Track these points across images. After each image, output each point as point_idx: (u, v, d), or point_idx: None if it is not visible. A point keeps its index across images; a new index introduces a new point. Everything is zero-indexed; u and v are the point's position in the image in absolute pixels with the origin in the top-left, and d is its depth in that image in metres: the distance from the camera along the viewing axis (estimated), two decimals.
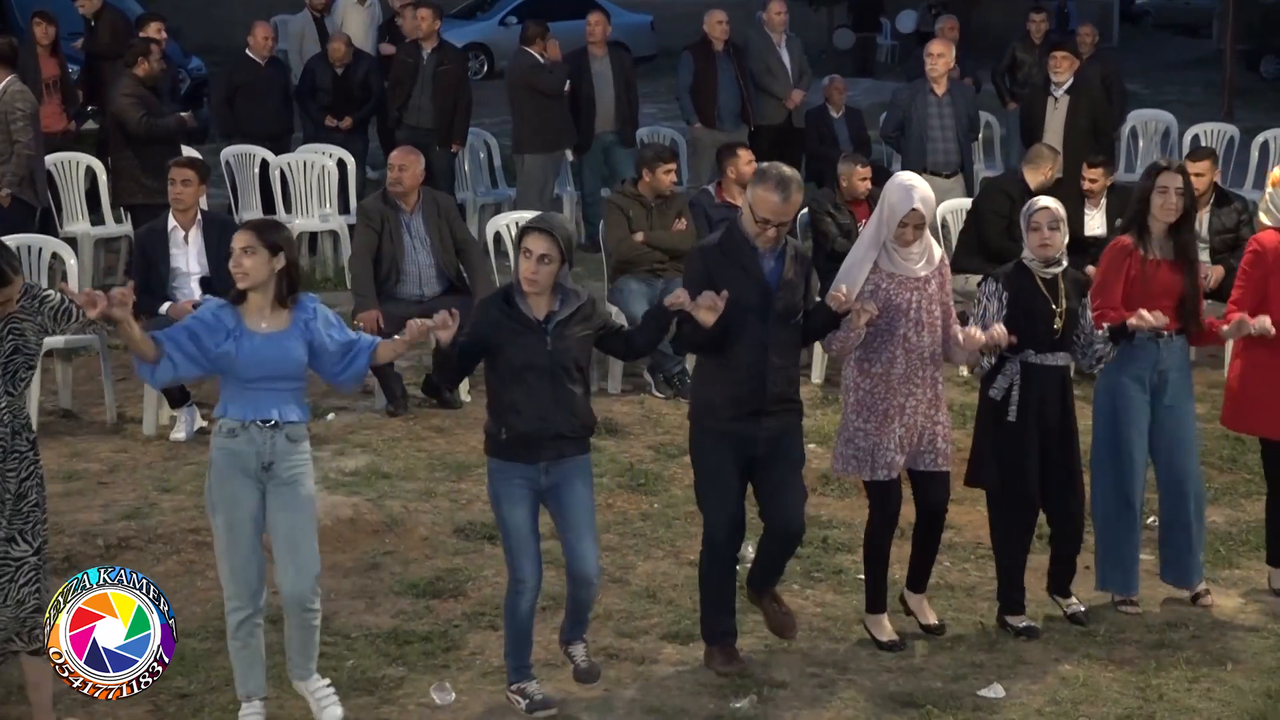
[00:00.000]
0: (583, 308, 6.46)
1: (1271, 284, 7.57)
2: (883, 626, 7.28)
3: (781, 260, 6.69)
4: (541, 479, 6.46)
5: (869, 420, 7.02)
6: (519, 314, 6.38)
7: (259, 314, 6.22)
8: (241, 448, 6.20)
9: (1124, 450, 7.52)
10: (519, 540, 6.49)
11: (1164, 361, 7.50)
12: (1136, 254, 7.44)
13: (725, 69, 14.10)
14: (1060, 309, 7.19)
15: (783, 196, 6.54)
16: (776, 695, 6.76)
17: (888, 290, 6.93)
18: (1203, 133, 15.73)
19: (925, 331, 6.98)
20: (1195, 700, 6.77)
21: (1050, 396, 7.25)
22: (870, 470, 7.05)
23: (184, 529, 8.14)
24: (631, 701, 6.70)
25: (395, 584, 7.80)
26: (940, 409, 7.10)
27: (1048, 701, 6.74)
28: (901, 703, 6.71)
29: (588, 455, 6.59)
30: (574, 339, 6.42)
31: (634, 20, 29.23)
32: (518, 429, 6.39)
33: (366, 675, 6.85)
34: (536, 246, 6.31)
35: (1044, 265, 7.23)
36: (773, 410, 6.70)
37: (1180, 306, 7.45)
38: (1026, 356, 7.20)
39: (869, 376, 7.01)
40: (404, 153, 10.39)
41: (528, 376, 6.36)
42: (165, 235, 9.72)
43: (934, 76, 12.48)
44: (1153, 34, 37.63)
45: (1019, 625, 7.36)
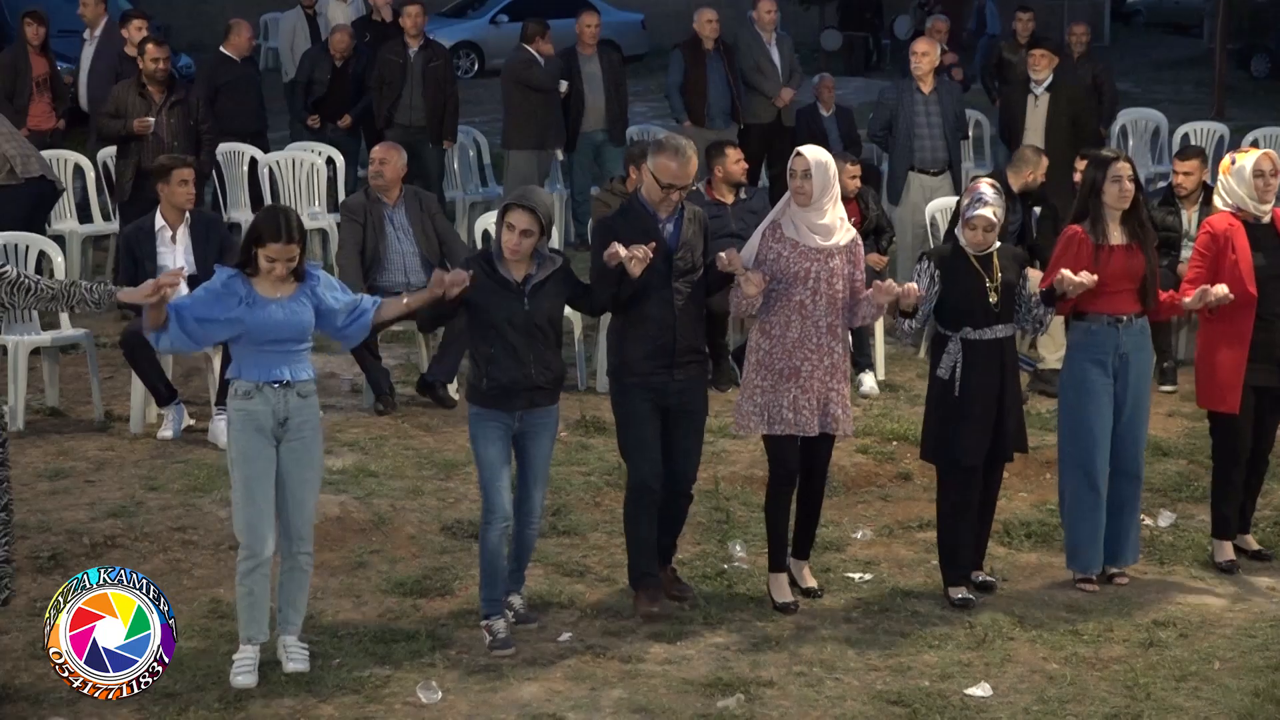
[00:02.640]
0: (557, 271, 7.10)
1: (1223, 263, 7.85)
2: (780, 587, 7.56)
3: (679, 224, 7.30)
4: (515, 424, 7.08)
5: (766, 378, 7.39)
6: (499, 276, 7.01)
7: (272, 286, 6.68)
8: (257, 407, 6.67)
9: (1086, 432, 7.71)
10: (491, 472, 7.05)
11: (1125, 345, 7.71)
12: (1088, 242, 7.67)
13: (715, 67, 14.08)
14: (995, 283, 7.46)
15: (680, 161, 7.16)
16: (764, 694, 6.75)
17: (788, 258, 7.31)
18: (1193, 131, 15.74)
19: (823, 301, 7.33)
20: (1182, 699, 6.77)
21: (992, 370, 7.48)
22: (766, 425, 7.40)
23: (170, 527, 8.12)
24: (618, 700, 6.69)
25: (382, 582, 7.78)
26: (838, 377, 7.42)
27: (1035, 700, 6.74)
28: (889, 701, 6.70)
29: (556, 405, 7.23)
30: (548, 299, 7.08)
31: (625, 19, 29.19)
32: (498, 380, 7.02)
33: (353, 674, 6.84)
34: (519, 222, 6.94)
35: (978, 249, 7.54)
36: (683, 361, 7.30)
37: (1140, 289, 7.69)
38: (965, 334, 7.46)
39: (768, 337, 7.40)
40: (385, 148, 10.46)
41: (506, 332, 7.00)
42: (152, 234, 9.68)
43: (919, 75, 12.47)
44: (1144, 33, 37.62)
45: (957, 597, 7.59)
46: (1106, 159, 7.77)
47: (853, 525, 8.62)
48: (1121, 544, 7.93)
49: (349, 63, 14.63)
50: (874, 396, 10.48)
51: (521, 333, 7.02)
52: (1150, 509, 8.81)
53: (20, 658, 6.89)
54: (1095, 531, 7.82)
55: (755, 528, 8.47)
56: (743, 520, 8.60)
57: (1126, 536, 7.93)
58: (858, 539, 8.45)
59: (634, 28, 29.26)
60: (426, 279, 10.09)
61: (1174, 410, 10.39)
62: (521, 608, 7.37)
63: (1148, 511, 8.76)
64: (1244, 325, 7.87)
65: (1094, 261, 7.59)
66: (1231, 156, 8.15)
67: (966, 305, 7.47)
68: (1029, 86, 12.87)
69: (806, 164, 7.30)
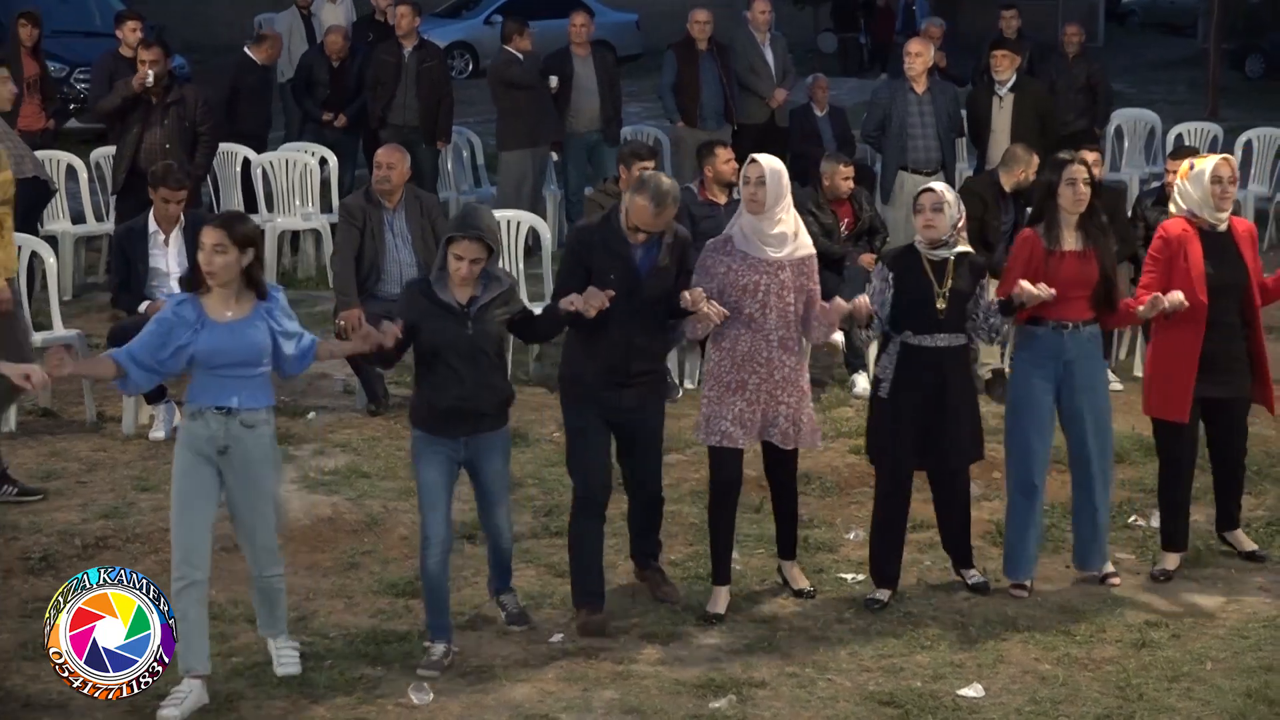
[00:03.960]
0: (503, 293, 6.94)
1: (1174, 270, 7.70)
2: (717, 598, 7.50)
3: (657, 248, 7.19)
4: (461, 451, 6.95)
5: (713, 389, 7.35)
6: (441, 301, 6.86)
7: (223, 304, 6.45)
8: (199, 431, 6.46)
9: (1023, 439, 7.66)
10: (430, 497, 6.92)
11: (1068, 352, 7.59)
12: (1039, 246, 7.56)
13: (708, 68, 14.08)
14: (944, 290, 7.35)
15: (657, 209, 7.02)
16: (755, 695, 6.75)
17: (737, 271, 7.23)
18: (1186, 132, 15.74)
19: (773, 314, 7.24)
20: (1175, 700, 6.76)
21: (928, 377, 7.38)
22: (705, 434, 7.37)
23: (162, 528, 8.05)
24: (610, 702, 6.68)
25: (374, 583, 7.78)
26: (789, 390, 7.32)
27: (1027, 701, 6.73)
28: (881, 702, 6.70)
29: (505, 427, 7.09)
30: (493, 322, 6.93)
31: (619, 19, 29.22)
32: (439, 406, 6.88)
33: (345, 675, 6.83)
34: (468, 252, 6.79)
35: (930, 248, 7.39)
36: (636, 381, 7.22)
37: (1094, 295, 7.58)
38: (906, 337, 7.39)
39: (719, 350, 7.34)
40: (390, 150, 10.37)
41: (449, 357, 6.84)
42: (145, 235, 9.68)
43: (913, 75, 12.48)
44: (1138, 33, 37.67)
45: (873, 596, 7.62)
46: (1062, 161, 7.65)
47: (845, 526, 8.61)
48: (1088, 549, 7.87)
49: (346, 63, 14.63)
50: (867, 397, 10.45)
51: (464, 357, 6.86)
52: (1143, 509, 8.80)
53: (12, 659, 6.88)
54: (1030, 539, 7.75)
55: (747, 528, 8.46)
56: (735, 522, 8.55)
57: (1088, 541, 7.85)
58: (850, 539, 8.44)
59: (628, 28, 29.31)
60: None
61: None
62: (514, 607, 7.35)
63: (1141, 512, 8.76)
64: (1194, 334, 7.69)
65: (1044, 266, 7.49)
66: (1190, 162, 7.94)
67: (911, 309, 7.36)
68: (993, 88, 12.91)
69: (760, 171, 7.19)
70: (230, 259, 6.36)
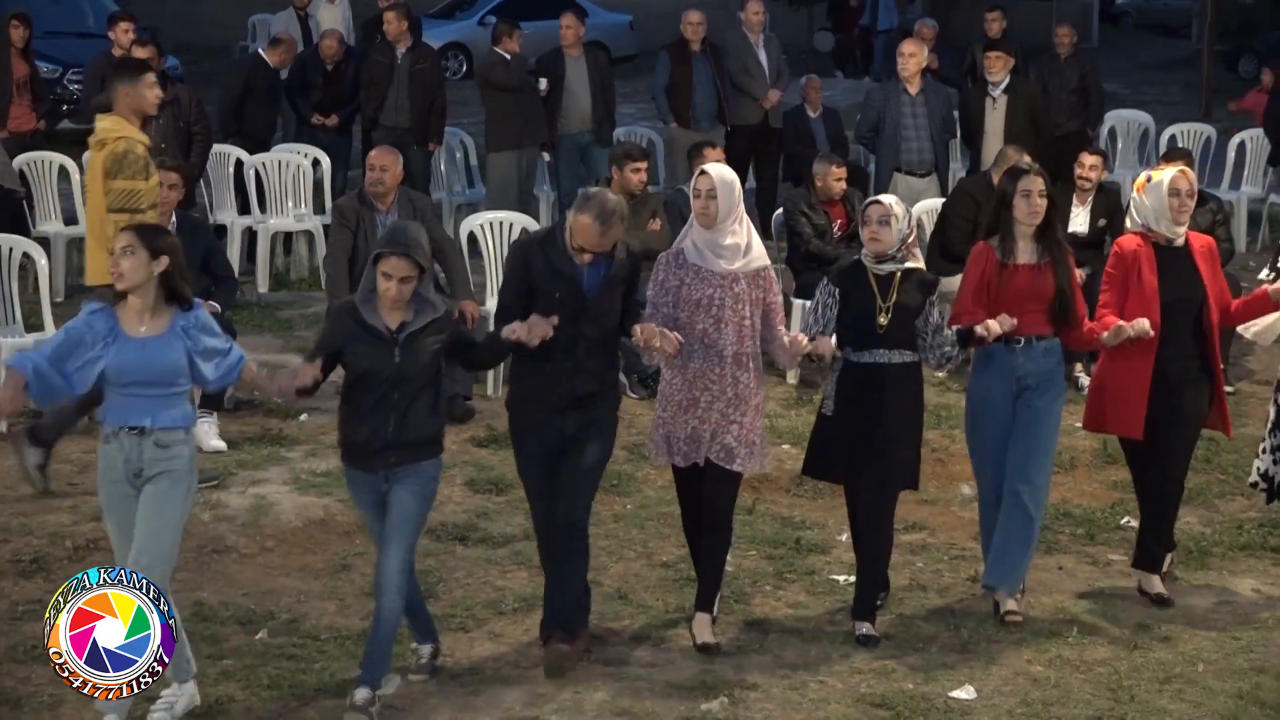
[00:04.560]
0: (437, 320, 6.45)
1: (1131, 284, 7.50)
2: (701, 625, 7.18)
3: (604, 267, 6.78)
4: (382, 485, 6.50)
5: (666, 409, 7.08)
6: (368, 325, 6.41)
7: (137, 318, 6.16)
8: (113, 454, 6.18)
9: (983, 451, 7.50)
10: (373, 536, 6.61)
11: (1022, 368, 7.35)
12: (993, 258, 7.34)
13: (702, 69, 14.06)
14: (886, 306, 7.10)
15: (602, 228, 6.64)
16: (748, 697, 6.74)
17: (690, 285, 6.94)
18: (1180, 133, 15.73)
19: (728, 329, 6.92)
20: (1166, 701, 6.76)
21: (868, 395, 7.13)
22: (666, 456, 7.12)
23: None
24: (602, 703, 6.67)
25: (366, 585, 7.74)
26: (740, 409, 6.98)
27: (1019, 703, 6.73)
28: (873, 704, 6.69)
29: (433, 460, 6.56)
30: (425, 350, 6.43)
31: (614, 20, 29.19)
32: (354, 438, 6.50)
33: (335, 677, 6.81)
34: (397, 270, 6.33)
35: (876, 261, 7.16)
36: (582, 406, 6.84)
37: (1050, 310, 7.35)
38: (846, 354, 7.18)
39: (672, 368, 7.06)
40: (384, 152, 10.34)
41: (374, 386, 6.41)
42: None
43: (906, 76, 12.48)
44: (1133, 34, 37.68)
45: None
46: (1019, 171, 7.42)
47: (838, 528, 8.60)
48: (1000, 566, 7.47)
49: (341, 66, 14.61)
50: None
51: (389, 386, 6.39)
52: (1136, 511, 8.79)
53: (3, 661, 6.87)
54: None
55: (739, 530, 8.43)
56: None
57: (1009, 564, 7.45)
58: (842, 541, 8.43)
59: (623, 29, 29.27)
60: None
61: None
62: (427, 658, 6.87)
63: (1133, 513, 8.75)
64: (1144, 353, 7.47)
65: (996, 279, 7.29)
66: (1147, 174, 7.73)
67: (852, 324, 7.13)
68: (986, 89, 12.90)
69: (711, 183, 6.91)
70: (138, 261, 6.07)
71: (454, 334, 6.59)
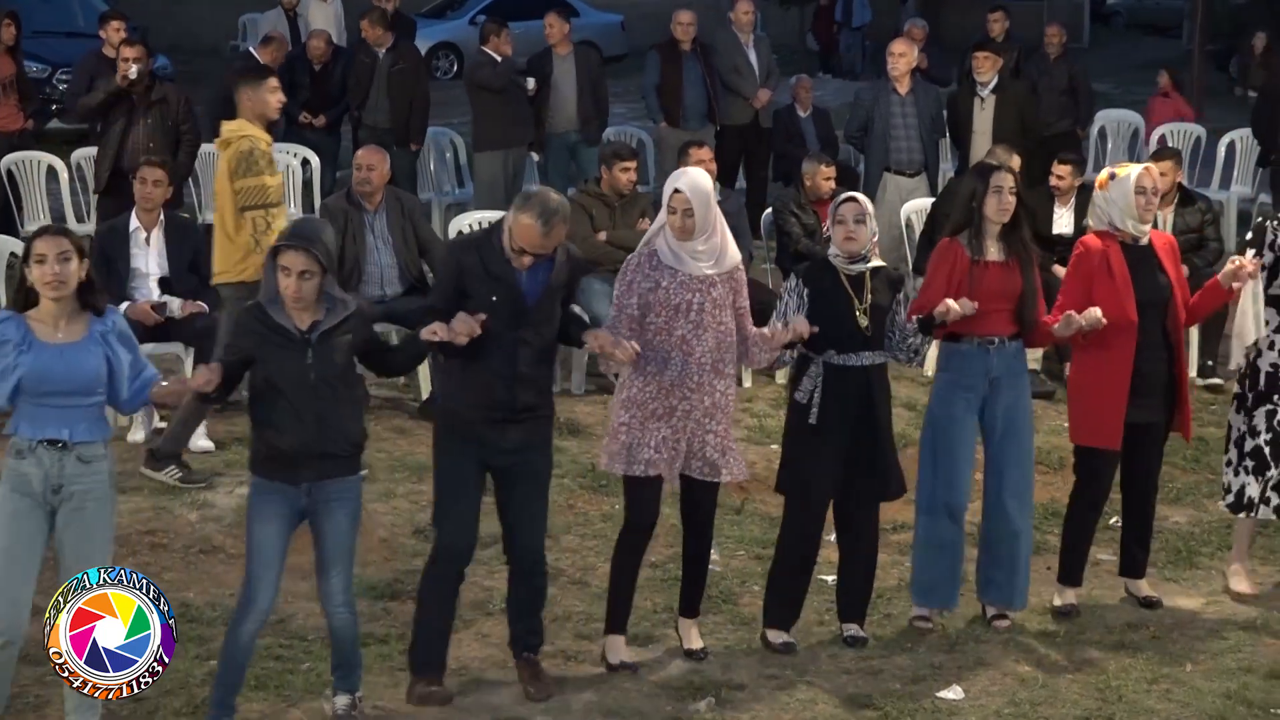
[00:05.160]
0: (350, 317, 6.15)
1: (1095, 286, 7.31)
2: (615, 646, 6.96)
3: (545, 270, 6.43)
4: (303, 500, 6.16)
5: (635, 416, 6.71)
6: (278, 326, 6.07)
7: (53, 324, 5.86)
8: (29, 469, 5.88)
9: (949, 462, 7.25)
10: (261, 560, 6.16)
11: (995, 369, 7.21)
12: (963, 255, 7.20)
13: (691, 68, 14.06)
14: (864, 306, 6.98)
15: (545, 228, 6.28)
16: (735, 697, 6.74)
17: (668, 288, 6.65)
18: (1169, 133, 15.75)
19: (708, 335, 6.67)
20: (1154, 701, 6.76)
21: (855, 398, 6.97)
22: (627, 465, 6.73)
23: (140, 530, 8.08)
24: (589, 704, 6.66)
25: (353, 586, 7.72)
26: (717, 418, 6.77)
27: (1007, 703, 6.72)
28: (860, 704, 6.69)
29: (356, 476, 6.29)
30: (340, 350, 6.13)
31: (605, 20, 29.21)
32: (278, 447, 6.10)
33: (322, 678, 6.79)
34: (295, 264, 5.99)
35: (848, 261, 7.02)
36: (521, 419, 6.46)
37: (1016, 311, 7.23)
38: (829, 357, 6.96)
39: (643, 375, 6.70)
40: (370, 152, 10.34)
41: (289, 391, 6.06)
42: (126, 235, 9.64)
43: (896, 76, 12.48)
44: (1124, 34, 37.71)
45: (777, 641, 7.15)
46: (989, 167, 7.32)
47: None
48: (1009, 585, 7.39)
49: (329, 66, 14.61)
50: None
51: (305, 391, 6.04)
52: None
53: None
54: (954, 566, 7.36)
55: (729, 530, 8.46)
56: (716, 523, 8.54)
57: (1015, 575, 7.37)
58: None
59: (614, 29, 29.27)
60: (403, 291, 10.10)
61: None
62: (344, 710, 6.43)
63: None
64: (1124, 354, 7.29)
65: (968, 277, 7.13)
66: (1110, 171, 7.50)
67: (834, 327, 6.92)
68: (974, 89, 12.91)
69: (687, 203, 6.59)
70: (74, 266, 5.81)
71: (367, 335, 6.31)
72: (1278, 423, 7.70)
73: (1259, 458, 7.73)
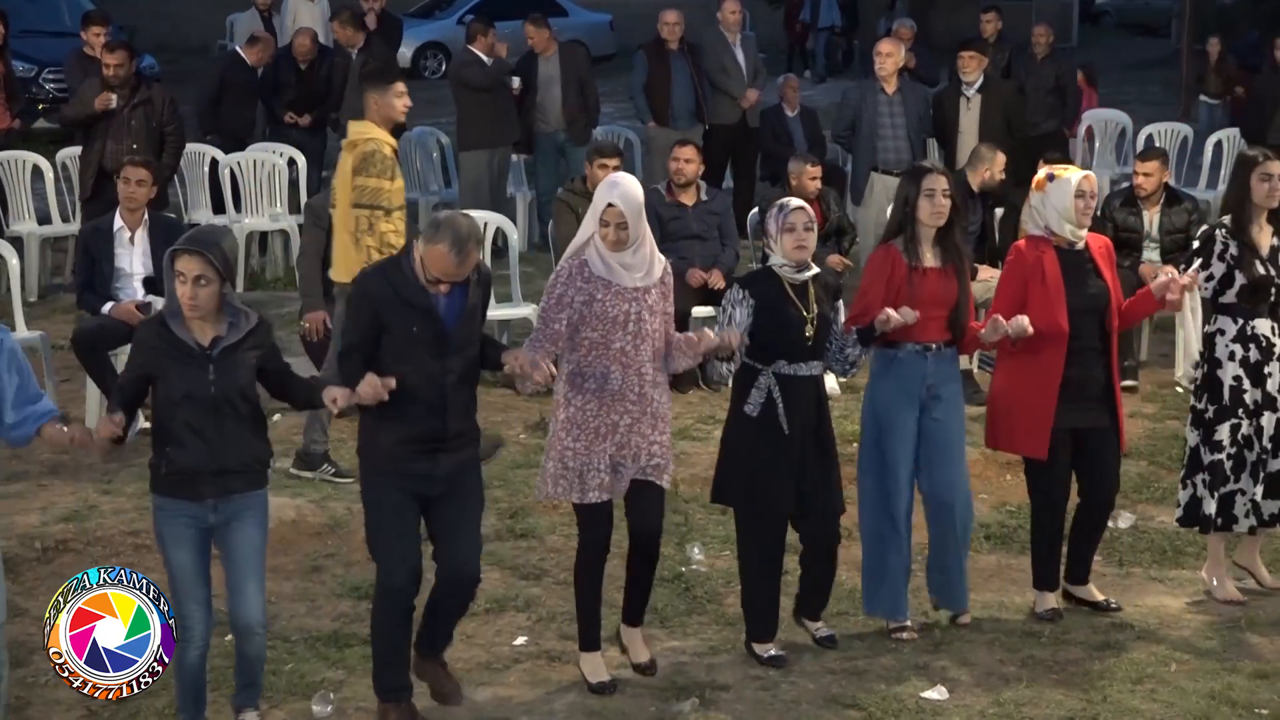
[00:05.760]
0: (254, 331, 5.98)
1: (1031, 290, 7.22)
2: (595, 665, 6.83)
3: (462, 293, 6.22)
4: (210, 516, 5.98)
5: (579, 439, 6.56)
6: (178, 340, 5.87)
7: None
8: None
9: (888, 468, 7.14)
10: (184, 584, 5.99)
11: (932, 375, 7.11)
12: (900, 261, 7.07)
13: (679, 68, 14.06)
14: (811, 315, 6.86)
15: (459, 257, 6.04)
16: (719, 698, 6.72)
17: (603, 300, 6.50)
18: (1157, 132, 15.76)
19: (644, 344, 6.56)
20: (1139, 701, 6.75)
21: (806, 408, 6.88)
22: (580, 493, 6.59)
23: (123, 531, 8.07)
24: (572, 705, 6.64)
25: (337, 586, 7.73)
26: (659, 427, 6.66)
27: (991, 703, 6.71)
28: (844, 705, 6.67)
29: (263, 490, 6.11)
30: (244, 367, 5.94)
31: (593, 19, 29.22)
32: (179, 464, 5.90)
33: (305, 679, 6.79)
34: (189, 269, 5.78)
35: (795, 270, 6.88)
36: (452, 446, 6.28)
37: (950, 317, 7.12)
38: (779, 368, 6.85)
39: (582, 392, 6.56)
40: None
41: (189, 408, 5.86)
42: (110, 235, 9.63)
43: (883, 75, 12.48)
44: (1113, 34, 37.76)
45: (765, 654, 7.04)
46: (921, 170, 7.18)
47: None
48: (951, 587, 7.34)
49: (315, 64, 14.59)
50: (836, 397, 10.43)
51: (207, 409, 5.85)
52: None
53: None
54: (902, 573, 7.25)
55: (714, 530, 8.45)
56: (701, 523, 8.56)
57: (952, 579, 7.32)
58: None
59: (602, 28, 29.28)
60: None
61: (1135, 411, 10.36)
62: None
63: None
64: (1053, 361, 7.18)
65: (907, 284, 7.02)
66: (1048, 172, 7.35)
67: (782, 338, 6.80)
68: (960, 89, 12.90)
69: (621, 216, 6.44)
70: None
71: (271, 352, 6.09)
72: (1243, 437, 7.65)
73: (1217, 472, 7.64)
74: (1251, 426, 7.63)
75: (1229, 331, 7.63)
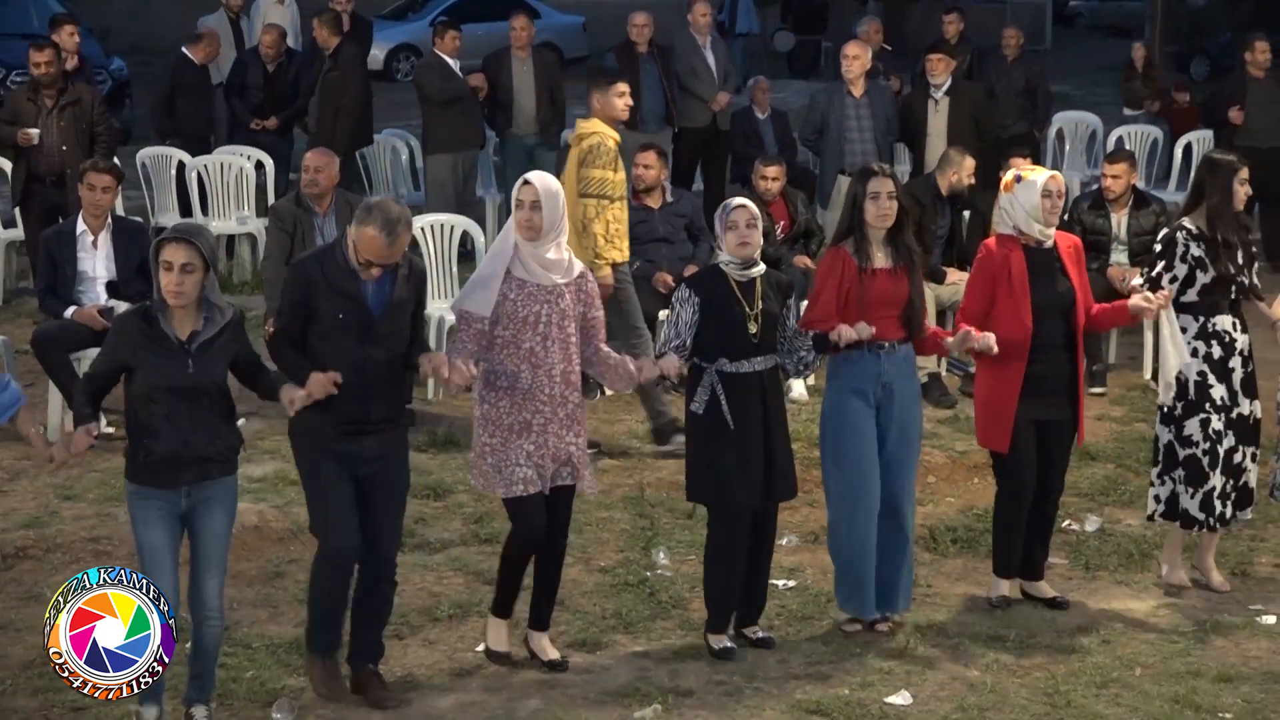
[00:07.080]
0: (229, 326, 6.16)
1: (999, 289, 7.33)
2: (499, 634, 7.01)
3: (390, 281, 6.39)
4: (183, 502, 6.16)
5: (494, 435, 6.68)
6: (160, 334, 6.06)
7: None
8: None
9: (852, 467, 7.17)
10: (154, 562, 6.11)
11: (886, 374, 7.15)
12: (851, 263, 7.11)
13: (649, 71, 14.01)
14: (755, 312, 6.92)
15: (389, 239, 6.22)
16: (682, 704, 6.69)
17: (515, 300, 6.62)
18: (1127, 135, 15.77)
19: (555, 347, 6.65)
20: (1103, 706, 6.73)
21: (752, 404, 6.93)
22: (505, 486, 6.69)
23: (84, 538, 8.00)
24: (535, 711, 6.61)
25: (299, 592, 7.65)
26: (574, 429, 6.75)
27: (955, 708, 6.69)
28: (808, 710, 6.65)
29: (234, 476, 6.30)
30: (218, 361, 6.15)
31: (566, 21, 29.18)
32: (156, 453, 6.08)
33: (266, 686, 6.74)
34: (176, 257, 5.95)
35: (741, 268, 6.95)
36: (376, 430, 6.45)
37: (903, 316, 7.17)
38: (721, 365, 6.92)
39: (494, 390, 6.68)
40: (319, 154, 10.24)
41: (167, 399, 6.06)
42: (73, 238, 9.57)
43: (850, 78, 12.46)
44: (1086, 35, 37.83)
45: (718, 646, 7.11)
46: (867, 172, 7.19)
47: (779, 531, 8.54)
48: (891, 589, 7.32)
49: (283, 66, 14.52)
50: (803, 402, 10.41)
51: (185, 400, 6.05)
52: (1077, 513, 8.80)
53: None
54: (870, 571, 7.27)
55: (679, 534, 8.42)
56: (667, 527, 8.53)
57: (894, 580, 7.31)
58: (783, 545, 8.37)
59: (575, 30, 29.25)
60: None
61: (1103, 414, 10.36)
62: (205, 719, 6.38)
63: (1075, 515, 8.74)
64: (1017, 362, 7.28)
65: (857, 284, 7.06)
66: (1016, 173, 7.45)
67: (725, 335, 6.89)
68: (928, 91, 12.89)
69: (535, 194, 6.58)
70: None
71: (244, 346, 6.27)
72: (1213, 432, 7.69)
73: (1193, 467, 7.70)
74: (1221, 421, 7.69)
75: (1190, 329, 7.70)
